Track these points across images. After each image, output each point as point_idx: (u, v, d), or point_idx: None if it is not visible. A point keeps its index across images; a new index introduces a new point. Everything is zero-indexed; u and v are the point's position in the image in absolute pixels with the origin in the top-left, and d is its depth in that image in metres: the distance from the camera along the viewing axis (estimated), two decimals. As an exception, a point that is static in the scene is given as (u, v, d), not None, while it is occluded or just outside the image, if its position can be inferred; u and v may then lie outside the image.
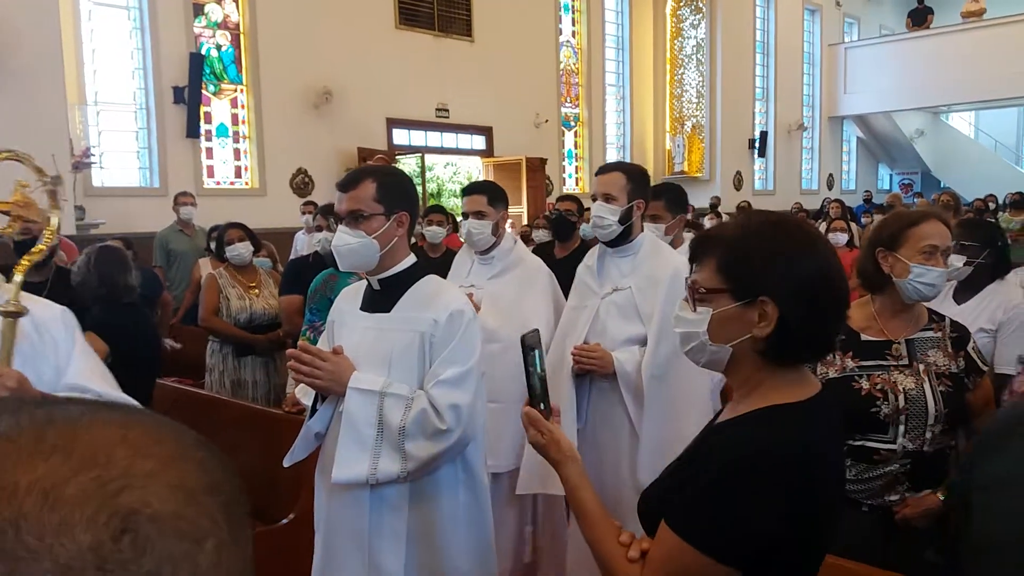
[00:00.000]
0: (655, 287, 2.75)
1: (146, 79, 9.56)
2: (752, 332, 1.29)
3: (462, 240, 3.45)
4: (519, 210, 12.77)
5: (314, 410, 2.21)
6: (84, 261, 3.81)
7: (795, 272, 1.27)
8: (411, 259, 2.24)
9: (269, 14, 10.39)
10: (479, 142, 13.48)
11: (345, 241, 2.13)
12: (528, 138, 13.73)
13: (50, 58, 8.02)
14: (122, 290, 3.78)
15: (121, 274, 3.81)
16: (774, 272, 1.28)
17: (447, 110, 12.72)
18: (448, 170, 13.84)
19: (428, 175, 13.53)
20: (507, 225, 3.50)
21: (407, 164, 13.14)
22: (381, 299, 2.22)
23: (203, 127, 10.00)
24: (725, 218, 11.79)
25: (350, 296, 2.33)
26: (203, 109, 9.97)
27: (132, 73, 9.57)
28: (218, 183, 10.32)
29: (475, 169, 13.89)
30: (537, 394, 1.55)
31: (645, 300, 2.77)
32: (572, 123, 15.72)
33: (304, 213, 8.22)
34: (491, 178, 13.73)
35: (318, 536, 2.26)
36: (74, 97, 8.82)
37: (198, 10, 10.03)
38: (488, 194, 3.33)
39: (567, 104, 15.47)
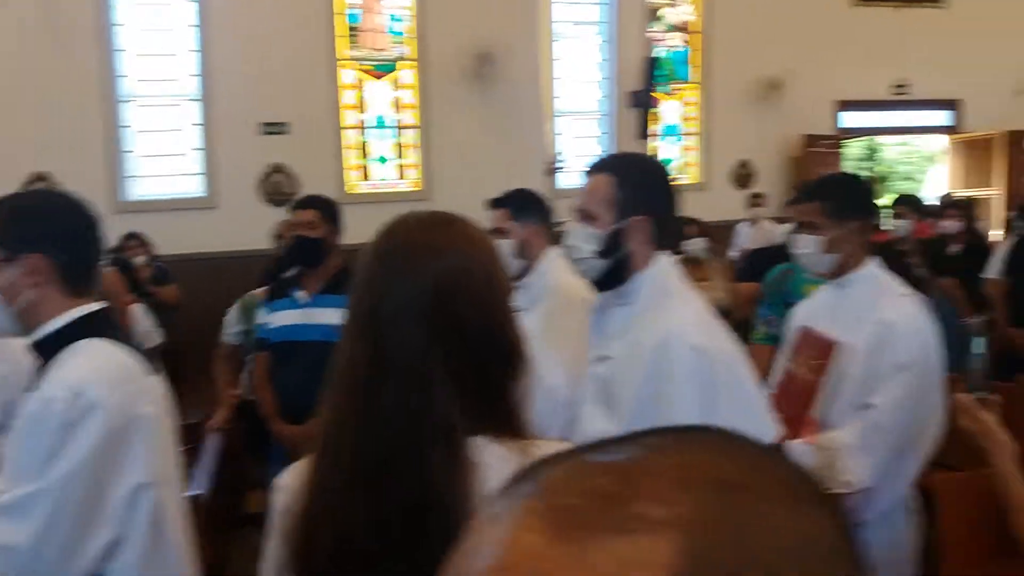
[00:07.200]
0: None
1: (610, 87, 10.34)
2: None
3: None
4: (994, 193, 11.16)
5: None
6: None
7: None
8: None
9: (724, 12, 10.49)
10: (943, 117, 12.05)
11: None
12: (1006, 109, 11.89)
13: (530, 75, 9.18)
14: None
15: None
16: None
17: (905, 86, 11.59)
18: (897, 151, 12.59)
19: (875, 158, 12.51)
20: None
21: (853, 149, 12.30)
22: None
23: (652, 127, 10.46)
24: None
25: None
26: (654, 111, 10.42)
27: (595, 84, 10.42)
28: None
29: (937, 148, 12.47)
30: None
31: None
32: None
33: (753, 205, 8.61)
34: (958, 156, 12.25)
35: None
36: (547, 110, 9.88)
37: (652, 15, 10.50)
38: (510, 206, 2.71)
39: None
